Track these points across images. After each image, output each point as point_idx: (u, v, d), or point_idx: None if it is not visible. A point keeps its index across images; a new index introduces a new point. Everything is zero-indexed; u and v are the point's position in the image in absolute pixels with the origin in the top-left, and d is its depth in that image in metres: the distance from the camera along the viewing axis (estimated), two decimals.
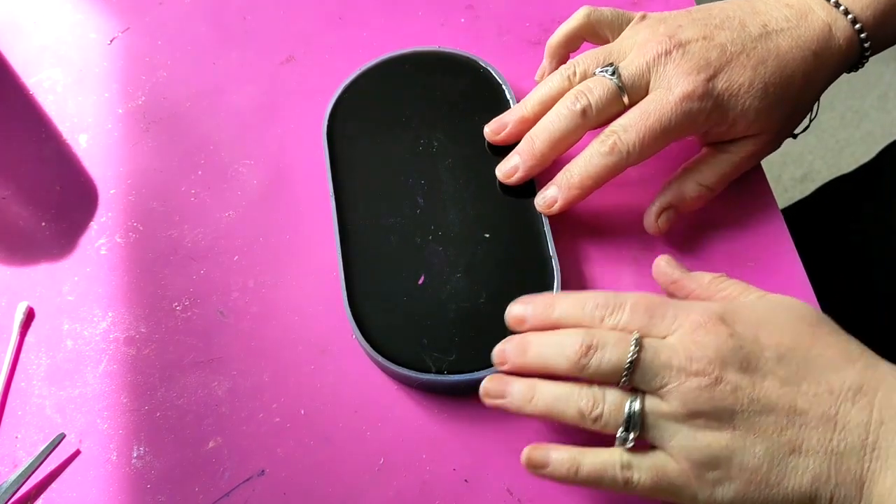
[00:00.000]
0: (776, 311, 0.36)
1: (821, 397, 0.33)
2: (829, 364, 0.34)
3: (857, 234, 0.62)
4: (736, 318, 0.35)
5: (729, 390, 0.34)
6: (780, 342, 0.34)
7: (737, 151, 0.45)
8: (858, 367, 0.34)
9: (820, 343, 0.35)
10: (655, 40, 0.43)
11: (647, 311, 0.36)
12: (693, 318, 0.35)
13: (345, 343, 0.44)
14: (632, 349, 0.35)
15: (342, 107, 0.49)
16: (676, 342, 0.35)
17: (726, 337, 0.34)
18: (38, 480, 0.41)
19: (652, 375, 0.35)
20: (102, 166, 0.50)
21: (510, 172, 0.45)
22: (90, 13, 0.56)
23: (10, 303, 0.45)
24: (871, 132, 1.30)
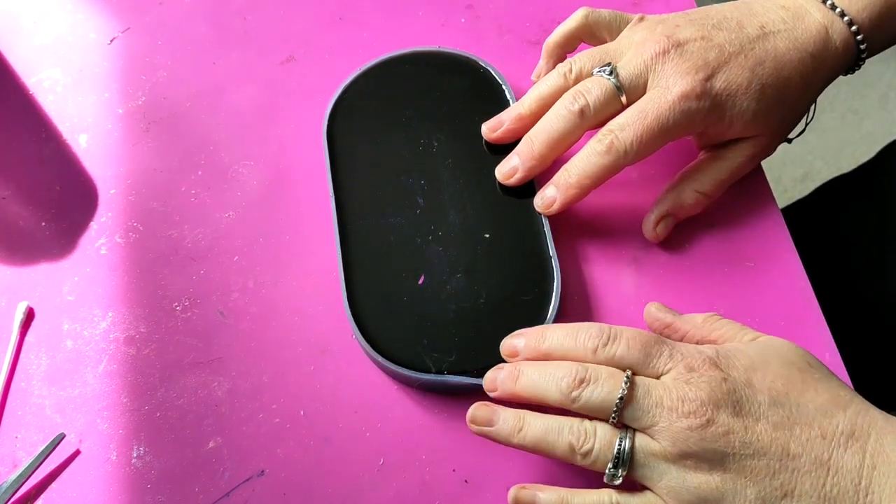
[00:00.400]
0: (768, 356, 0.36)
1: (813, 442, 0.33)
2: (821, 409, 0.34)
3: (857, 234, 0.62)
4: (729, 363, 0.35)
5: (721, 433, 0.33)
6: (773, 386, 0.34)
7: (733, 157, 0.45)
8: (850, 412, 0.34)
9: (811, 388, 0.35)
10: (653, 40, 0.43)
11: (642, 348, 0.36)
12: (688, 360, 0.35)
13: (345, 343, 0.44)
14: (623, 385, 0.35)
15: (342, 107, 0.49)
16: (669, 382, 0.35)
17: (720, 380, 0.34)
18: (38, 480, 0.41)
19: (643, 413, 0.34)
20: (102, 166, 0.50)
21: (510, 173, 0.45)
22: (90, 13, 0.56)
23: (10, 303, 0.45)
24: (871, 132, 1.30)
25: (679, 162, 0.47)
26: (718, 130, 0.43)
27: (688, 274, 0.45)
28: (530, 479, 0.40)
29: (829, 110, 1.31)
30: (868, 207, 0.62)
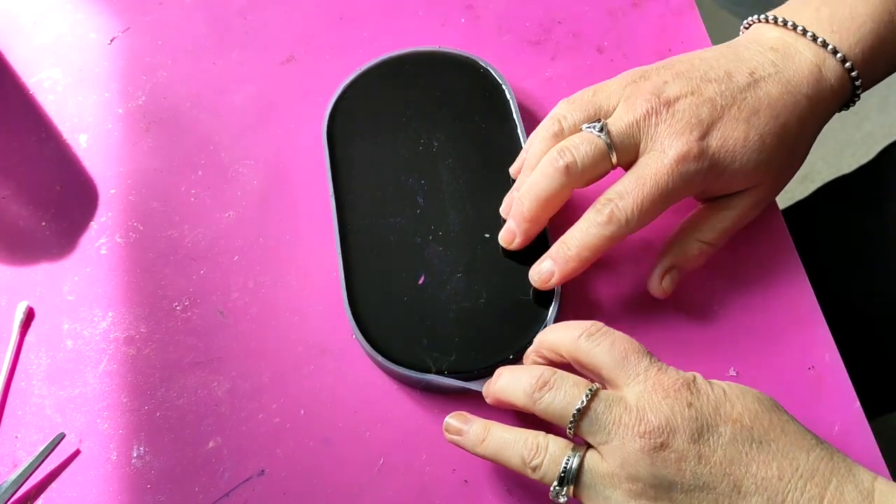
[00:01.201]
0: (743, 393, 0.35)
1: (769, 482, 0.32)
2: (783, 450, 0.33)
3: (858, 235, 0.62)
4: (702, 389, 0.35)
5: (673, 459, 0.33)
6: (740, 419, 0.34)
7: (736, 206, 0.43)
8: (813, 456, 0.33)
9: (778, 427, 0.34)
10: (642, 97, 0.41)
11: (621, 354, 0.35)
12: (661, 378, 0.35)
13: (345, 343, 0.44)
14: (584, 396, 0.34)
15: (342, 107, 0.49)
16: (633, 400, 0.34)
17: (685, 405, 0.33)
18: (37, 480, 0.41)
19: (598, 428, 0.34)
20: (102, 166, 0.50)
21: (509, 239, 0.43)
22: (90, 13, 0.56)
23: (10, 302, 0.45)
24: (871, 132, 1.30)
25: None
26: (719, 186, 0.42)
27: (688, 274, 0.45)
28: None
29: None
30: (868, 208, 0.62)
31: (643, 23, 0.53)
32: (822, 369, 0.42)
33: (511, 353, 0.41)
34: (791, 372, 0.42)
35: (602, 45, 0.52)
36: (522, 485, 0.40)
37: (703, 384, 0.35)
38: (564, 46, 0.52)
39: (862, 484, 0.33)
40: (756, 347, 0.43)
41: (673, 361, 0.42)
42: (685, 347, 0.43)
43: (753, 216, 0.44)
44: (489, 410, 0.40)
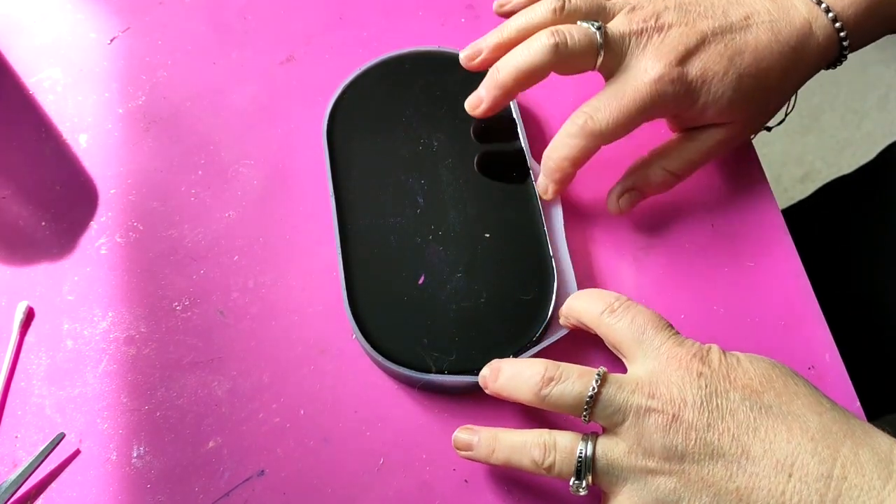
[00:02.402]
0: (758, 360, 0.36)
1: (777, 445, 0.32)
2: (794, 412, 0.33)
3: (858, 235, 0.62)
4: (714, 358, 0.35)
5: (683, 430, 0.33)
6: (750, 384, 0.34)
7: (705, 140, 0.44)
8: (826, 418, 0.33)
9: (790, 391, 0.34)
10: (641, 16, 0.42)
11: (640, 329, 0.37)
12: (677, 350, 0.35)
13: (345, 343, 0.44)
14: (594, 383, 0.35)
15: (342, 107, 0.49)
16: (647, 374, 0.35)
17: (695, 375, 0.34)
18: (37, 480, 0.41)
19: (613, 410, 0.34)
20: (102, 166, 0.50)
21: (475, 104, 0.44)
22: (90, 13, 0.56)
23: (10, 302, 0.45)
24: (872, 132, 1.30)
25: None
26: (691, 115, 0.43)
27: (688, 274, 0.45)
28: (530, 478, 0.40)
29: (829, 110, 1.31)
30: (869, 208, 0.62)
31: None
32: (823, 369, 0.42)
33: (511, 353, 0.41)
34: None
35: None
36: (522, 485, 0.40)
37: (717, 353, 0.36)
38: None
39: (880, 447, 0.32)
40: (756, 347, 0.43)
41: None
42: None
43: (720, 153, 0.46)
44: (493, 409, 0.40)
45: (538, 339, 0.41)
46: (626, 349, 0.37)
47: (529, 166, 0.46)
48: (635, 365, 0.36)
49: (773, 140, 1.29)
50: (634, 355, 0.36)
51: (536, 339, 0.41)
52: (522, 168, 0.46)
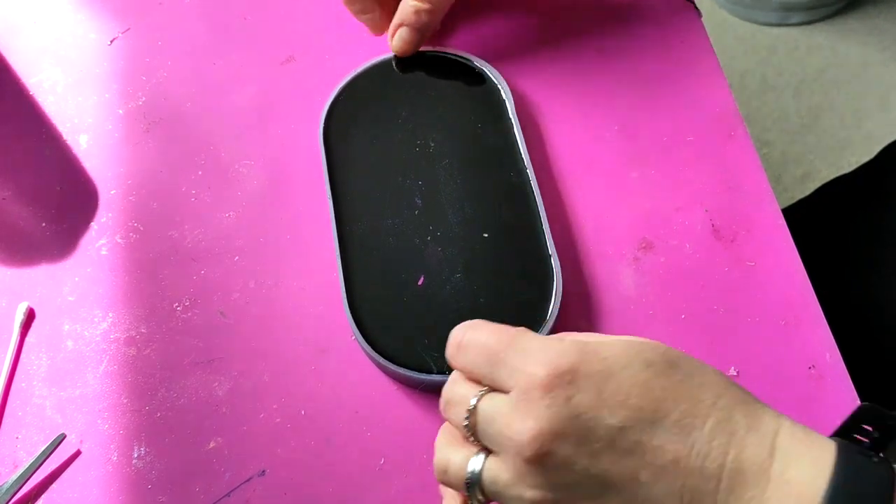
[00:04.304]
0: (629, 361, 0.31)
1: (665, 468, 0.30)
2: (678, 424, 0.30)
3: (858, 234, 0.62)
4: (580, 373, 0.31)
5: (563, 464, 0.30)
6: (627, 402, 0.30)
7: None
8: (709, 424, 0.30)
9: (670, 398, 0.31)
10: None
11: (488, 359, 0.32)
12: (532, 370, 0.31)
13: (345, 343, 0.44)
14: (465, 414, 0.32)
15: (338, 108, 0.49)
16: (509, 407, 0.31)
17: (561, 404, 0.30)
18: (38, 481, 0.41)
19: (489, 440, 0.32)
20: (103, 167, 0.50)
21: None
22: (90, 13, 0.56)
23: (10, 303, 0.46)
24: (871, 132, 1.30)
25: (690, 165, 0.47)
26: None
27: (688, 274, 0.45)
28: None
29: (829, 110, 1.31)
30: (869, 208, 0.62)
31: (643, 23, 0.53)
32: (823, 369, 0.42)
33: None
34: (791, 372, 0.42)
35: (602, 45, 0.52)
36: None
37: (584, 364, 0.31)
38: (564, 46, 0.52)
39: (763, 442, 0.30)
40: (756, 347, 0.43)
41: None
42: (685, 348, 0.43)
43: None
44: None
45: None
46: (489, 382, 0.33)
47: (527, 166, 0.46)
48: (505, 392, 0.32)
49: (773, 140, 1.29)
50: (499, 385, 0.32)
51: None
52: (520, 168, 0.46)
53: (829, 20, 1.40)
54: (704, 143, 0.48)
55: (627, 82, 0.51)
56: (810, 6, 1.36)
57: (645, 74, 0.51)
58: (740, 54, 1.38)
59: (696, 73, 0.51)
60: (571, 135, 0.49)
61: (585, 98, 0.50)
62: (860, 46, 1.37)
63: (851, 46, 1.37)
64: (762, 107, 1.32)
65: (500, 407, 0.32)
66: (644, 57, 0.51)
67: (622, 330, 0.43)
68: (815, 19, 1.38)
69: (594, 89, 0.51)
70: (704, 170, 0.47)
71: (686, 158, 0.48)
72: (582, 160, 0.48)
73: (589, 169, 0.48)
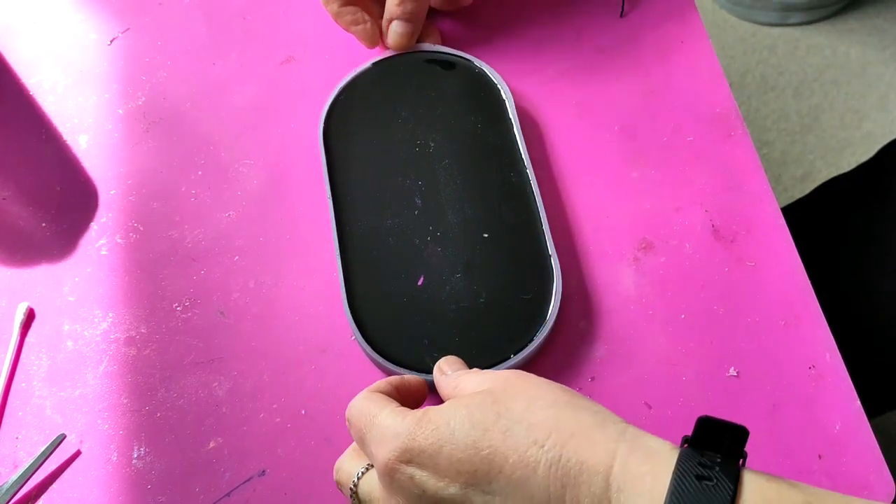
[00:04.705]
0: (456, 424, 0.32)
1: None
2: (512, 483, 0.30)
3: (857, 233, 0.62)
4: (415, 449, 0.32)
5: None
6: (460, 468, 0.31)
7: None
8: (540, 471, 0.30)
9: (499, 454, 0.30)
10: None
11: (359, 438, 0.35)
12: (380, 455, 0.33)
13: (345, 343, 0.44)
14: (350, 492, 0.35)
15: (338, 108, 0.49)
16: (374, 488, 0.34)
17: (408, 484, 0.32)
18: (38, 481, 0.41)
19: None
20: (103, 167, 0.50)
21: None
22: (90, 13, 0.56)
23: (10, 303, 0.46)
24: (871, 132, 1.30)
25: (679, 167, 0.47)
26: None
27: (687, 274, 0.45)
28: None
29: (829, 110, 1.31)
30: (868, 207, 0.62)
31: (643, 23, 0.53)
32: (823, 369, 0.42)
33: (511, 353, 0.41)
34: (791, 372, 0.42)
35: (602, 45, 0.52)
36: None
37: (417, 440, 0.32)
38: (564, 46, 0.52)
39: (595, 479, 0.29)
40: (756, 347, 0.43)
41: (672, 361, 0.42)
42: (685, 347, 0.43)
43: None
44: None
45: (538, 339, 0.41)
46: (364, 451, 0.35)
47: (527, 166, 0.46)
48: None
49: (773, 140, 1.29)
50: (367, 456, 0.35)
51: (536, 339, 0.41)
52: (520, 168, 0.46)
53: (829, 20, 1.40)
54: (704, 143, 0.48)
55: (627, 82, 0.51)
56: (810, 6, 1.35)
57: (645, 74, 0.51)
58: (740, 54, 1.38)
59: (696, 73, 0.51)
60: (571, 135, 0.49)
61: (585, 98, 0.50)
62: (860, 46, 1.37)
63: (851, 46, 1.37)
64: (762, 107, 1.31)
65: (373, 484, 0.34)
66: (644, 57, 0.52)
67: (622, 330, 0.43)
68: (815, 19, 1.38)
69: (594, 89, 0.51)
70: (704, 170, 0.47)
71: (686, 158, 0.48)
72: (582, 160, 0.48)
73: (589, 169, 0.48)
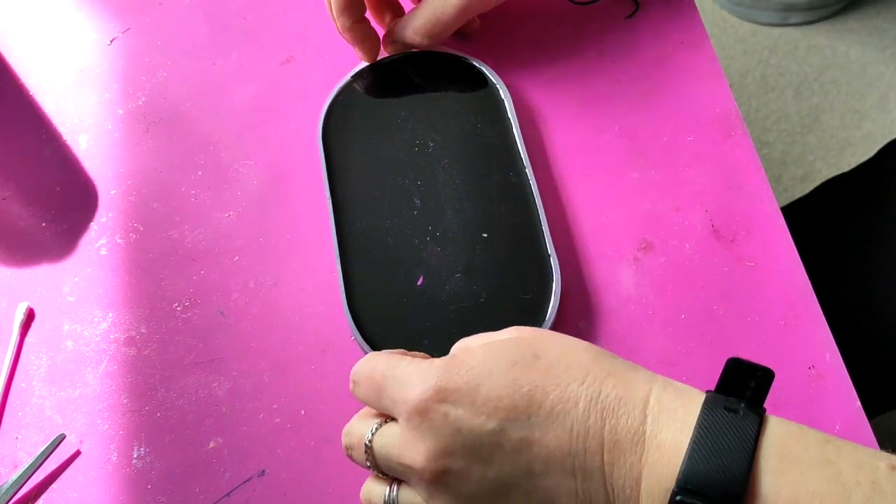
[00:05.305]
0: (492, 361, 0.32)
1: (552, 457, 0.31)
2: (552, 414, 0.31)
3: (857, 233, 0.62)
4: (449, 388, 0.32)
5: (464, 479, 0.31)
6: (500, 405, 0.31)
7: None
8: (581, 407, 0.31)
9: (539, 390, 0.31)
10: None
11: (375, 392, 0.34)
12: (407, 397, 0.32)
13: (345, 343, 0.44)
14: (364, 453, 0.34)
15: (338, 108, 0.49)
16: (398, 436, 0.33)
17: (442, 423, 0.31)
18: (38, 481, 0.41)
19: (392, 472, 0.34)
20: (103, 167, 0.50)
21: None
22: (90, 13, 0.56)
23: (10, 303, 0.46)
24: (871, 132, 1.30)
25: (689, 163, 0.47)
26: None
27: (687, 274, 0.45)
28: None
29: (829, 110, 1.31)
30: (868, 206, 0.62)
31: (643, 23, 0.53)
32: (822, 369, 0.42)
33: None
34: (791, 372, 0.42)
35: (601, 45, 0.52)
36: None
37: (452, 379, 0.32)
38: (563, 46, 0.52)
39: (634, 411, 0.31)
40: (756, 347, 0.43)
41: (672, 361, 0.42)
42: (685, 347, 0.43)
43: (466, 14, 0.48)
44: None
45: None
46: (385, 412, 0.35)
47: (526, 166, 0.46)
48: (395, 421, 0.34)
49: (773, 140, 1.29)
50: (391, 414, 0.34)
51: None
52: (519, 168, 0.46)
53: (829, 20, 1.40)
54: (704, 143, 0.48)
55: (627, 82, 0.51)
56: (810, 6, 1.35)
57: (645, 74, 0.51)
58: (740, 54, 1.38)
59: (696, 73, 0.51)
60: (571, 135, 0.49)
61: (585, 98, 0.50)
62: (860, 46, 1.37)
63: (851, 46, 1.37)
64: (762, 107, 1.32)
65: (391, 439, 0.33)
66: (644, 57, 0.51)
67: (622, 330, 0.43)
68: (815, 19, 1.38)
69: (594, 89, 0.51)
70: (704, 170, 0.47)
71: (686, 158, 0.48)
72: (581, 160, 0.48)
73: (589, 169, 0.48)
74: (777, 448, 0.29)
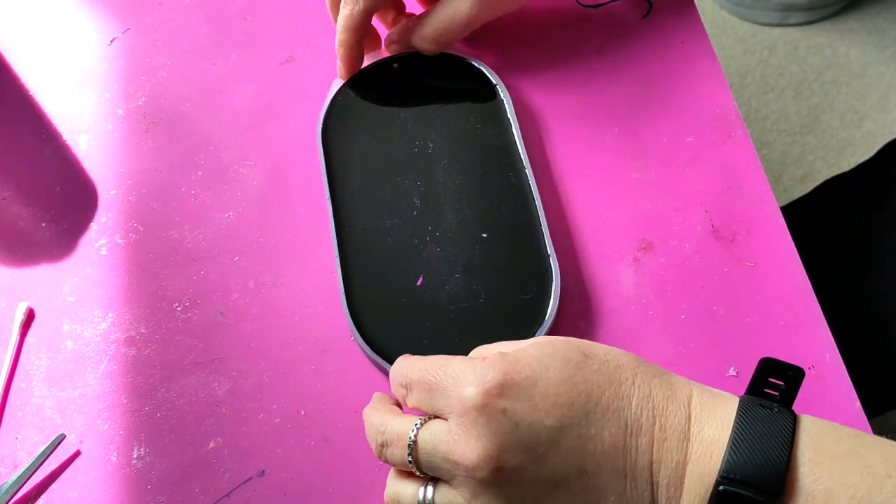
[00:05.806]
0: (547, 358, 0.33)
1: (607, 454, 0.31)
2: (607, 412, 0.32)
3: (857, 233, 0.62)
4: (508, 383, 0.32)
5: (516, 477, 0.31)
6: (557, 402, 0.31)
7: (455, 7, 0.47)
8: (634, 405, 0.32)
9: (595, 387, 0.32)
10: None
11: (429, 391, 0.33)
12: (463, 393, 0.32)
13: (345, 343, 0.44)
14: (408, 449, 0.33)
15: (338, 108, 0.49)
16: (449, 432, 0.32)
17: (500, 418, 0.31)
18: (38, 481, 0.41)
19: (435, 470, 0.33)
20: (102, 167, 0.50)
21: None
22: (90, 13, 0.56)
23: (10, 303, 0.46)
24: (871, 132, 1.30)
25: (688, 162, 0.47)
26: None
27: (687, 274, 0.45)
28: None
29: (829, 110, 1.31)
30: (867, 206, 0.62)
31: (643, 23, 0.53)
32: (822, 369, 0.42)
33: None
34: None
35: (601, 45, 0.52)
36: None
37: (510, 374, 0.32)
38: (563, 46, 0.52)
39: (680, 409, 0.32)
40: (756, 347, 0.43)
41: (672, 362, 0.42)
42: (685, 348, 0.43)
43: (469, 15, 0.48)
44: None
45: None
46: (433, 412, 0.34)
47: (526, 166, 0.46)
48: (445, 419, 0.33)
49: (772, 140, 1.29)
50: (441, 413, 0.33)
51: None
52: (519, 168, 0.46)
53: (829, 20, 1.40)
54: (704, 143, 0.48)
55: (627, 82, 0.51)
56: (810, 6, 1.35)
57: (645, 75, 0.51)
58: (740, 54, 1.38)
59: (696, 73, 0.51)
60: (571, 135, 0.49)
61: (585, 98, 0.50)
62: (860, 46, 1.37)
63: (851, 46, 1.37)
64: (762, 107, 1.32)
65: (440, 435, 0.33)
66: (644, 57, 0.51)
67: (622, 330, 0.43)
68: (815, 19, 1.38)
69: (594, 89, 0.51)
70: (704, 170, 0.47)
71: (686, 158, 0.48)
72: (581, 160, 0.48)
73: (588, 169, 0.48)
74: (812, 441, 0.30)
